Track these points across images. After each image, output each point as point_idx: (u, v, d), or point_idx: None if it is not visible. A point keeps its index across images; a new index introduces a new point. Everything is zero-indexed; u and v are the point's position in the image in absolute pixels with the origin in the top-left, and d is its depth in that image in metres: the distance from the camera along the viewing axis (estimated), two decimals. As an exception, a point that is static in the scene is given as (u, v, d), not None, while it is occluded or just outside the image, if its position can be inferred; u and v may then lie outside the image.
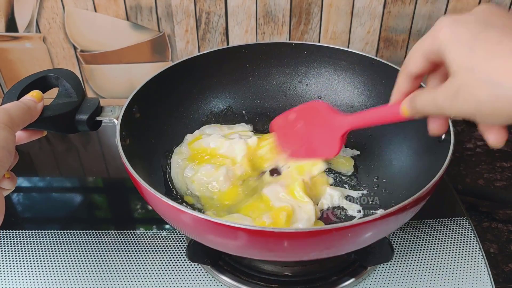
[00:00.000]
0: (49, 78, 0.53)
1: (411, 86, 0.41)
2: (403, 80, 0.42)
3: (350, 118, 0.51)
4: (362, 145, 0.64)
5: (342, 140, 0.52)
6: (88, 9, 0.76)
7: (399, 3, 0.75)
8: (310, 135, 0.55)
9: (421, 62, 0.38)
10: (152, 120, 0.60)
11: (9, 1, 0.75)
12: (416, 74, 0.40)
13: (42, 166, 0.77)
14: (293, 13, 0.76)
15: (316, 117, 0.54)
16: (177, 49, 0.80)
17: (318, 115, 0.54)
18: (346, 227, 0.39)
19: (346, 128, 0.51)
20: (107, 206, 0.68)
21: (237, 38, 0.79)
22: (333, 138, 0.52)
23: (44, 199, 0.69)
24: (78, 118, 0.51)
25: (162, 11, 0.76)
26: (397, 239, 0.58)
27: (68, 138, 0.81)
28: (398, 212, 0.41)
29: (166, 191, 0.57)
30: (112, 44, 0.80)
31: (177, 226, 0.49)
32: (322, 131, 0.54)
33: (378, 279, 0.54)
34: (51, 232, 0.60)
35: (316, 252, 0.44)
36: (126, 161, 0.46)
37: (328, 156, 0.54)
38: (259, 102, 0.70)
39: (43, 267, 0.55)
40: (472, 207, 0.65)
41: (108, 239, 0.59)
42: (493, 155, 0.74)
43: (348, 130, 0.51)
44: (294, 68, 0.69)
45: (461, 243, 0.57)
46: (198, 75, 0.65)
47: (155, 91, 0.60)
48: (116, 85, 0.85)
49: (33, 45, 0.80)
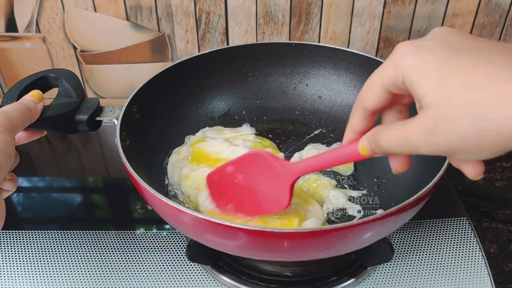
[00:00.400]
0: (49, 78, 0.53)
1: (368, 123, 0.37)
2: (358, 117, 0.37)
3: (299, 165, 0.44)
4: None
5: (291, 190, 0.45)
6: (88, 9, 0.76)
7: (399, 3, 0.75)
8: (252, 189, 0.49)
9: (380, 96, 0.34)
10: (152, 120, 0.60)
11: (9, 1, 0.75)
12: (374, 110, 0.36)
13: (42, 166, 0.77)
14: (293, 13, 0.76)
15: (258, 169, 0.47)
16: (177, 49, 0.80)
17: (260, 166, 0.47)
18: (346, 227, 0.39)
19: (294, 177, 0.45)
20: (107, 206, 0.68)
21: (237, 38, 0.79)
22: (281, 189, 0.45)
23: (44, 199, 0.69)
24: (78, 118, 0.51)
25: (162, 11, 0.76)
26: (397, 239, 0.58)
27: (68, 138, 0.81)
28: (398, 212, 0.41)
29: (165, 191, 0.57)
30: (112, 44, 0.80)
31: (177, 226, 0.49)
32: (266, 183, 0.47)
33: (378, 279, 0.54)
34: (51, 232, 0.60)
35: (316, 252, 0.44)
36: (126, 161, 0.46)
37: (278, 210, 0.47)
38: (259, 102, 0.70)
39: (43, 267, 0.55)
40: (472, 207, 0.65)
41: (108, 239, 0.59)
42: (493, 155, 0.74)
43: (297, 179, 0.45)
44: (294, 68, 0.69)
45: (461, 243, 0.57)
46: (198, 75, 0.65)
47: (155, 91, 0.60)
48: (116, 85, 0.85)
49: (33, 45, 0.80)
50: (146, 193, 0.44)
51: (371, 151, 0.36)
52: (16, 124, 0.42)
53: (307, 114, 0.69)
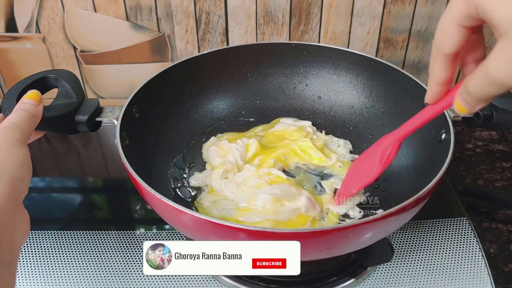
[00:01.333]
0: (49, 79, 0.53)
1: (450, 71, 0.36)
2: (439, 66, 0.36)
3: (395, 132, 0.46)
4: (362, 146, 0.64)
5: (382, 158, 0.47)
6: (88, 9, 0.76)
7: (399, 3, 0.75)
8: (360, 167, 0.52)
9: (458, 34, 0.33)
10: (152, 120, 0.60)
11: (9, 1, 0.75)
12: (454, 52, 0.34)
13: (42, 167, 0.77)
14: (293, 13, 0.76)
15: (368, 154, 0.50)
16: (177, 50, 0.80)
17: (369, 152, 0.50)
18: (346, 227, 0.39)
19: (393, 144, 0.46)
20: (107, 206, 0.68)
21: (237, 38, 0.79)
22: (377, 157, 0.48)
23: (44, 200, 0.69)
24: (78, 119, 0.51)
25: (162, 11, 0.76)
26: (397, 239, 0.58)
27: (68, 138, 0.81)
28: (398, 212, 0.41)
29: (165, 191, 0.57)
30: (112, 44, 0.80)
31: (177, 227, 0.49)
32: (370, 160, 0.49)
33: (378, 280, 0.54)
34: (51, 233, 0.60)
35: (317, 252, 0.44)
36: (126, 161, 0.46)
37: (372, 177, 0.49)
38: (259, 103, 0.70)
39: (43, 268, 0.55)
40: (472, 207, 0.65)
41: (108, 239, 0.59)
42: (493, 155, 0.74)
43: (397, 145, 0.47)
44: (293, 68, 0.69)
45: (461, 243, 0.57)
46: (198, 75, 0.65)
47: (155, 91, 0.60)
48: (116, 86, 0.85)
49: (33, 46, 0.80)
50: (146, 193, 0.44)
51: (467, 105, 0.35)
52: (27, 134, 0.42)
53: (306, 114, 0.69)
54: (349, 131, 0.66)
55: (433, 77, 0.37)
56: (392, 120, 0.63)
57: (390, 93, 0.63)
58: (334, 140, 0.64)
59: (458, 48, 0.34)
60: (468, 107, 0.35)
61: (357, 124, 0.66)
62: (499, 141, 0.77)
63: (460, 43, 0.34)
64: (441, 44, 0.35)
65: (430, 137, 0.54)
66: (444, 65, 0.36)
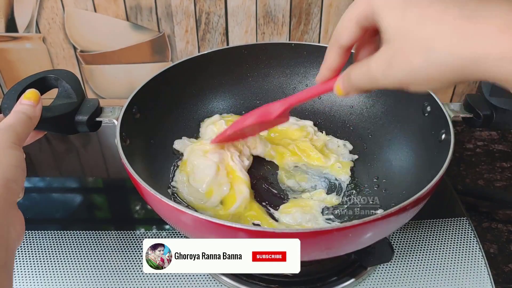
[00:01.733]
0: (49, 79, 0.53)
1: (342, 60, 0.40)
2: (334, 54, 0.40)
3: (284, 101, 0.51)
4: (362, 146, 0.64)
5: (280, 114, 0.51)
6: (88, 9, 0.76)
7: (399, 3, 0.75)
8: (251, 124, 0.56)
9: (354, 30, 0.37)
10: (152, 120, 0.60)
11: (9, 1, 0.75)
12: (348, 45, 0.38)
13: (42, 167, 0.77)
14: (293, 13, 0.76)
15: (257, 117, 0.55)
16: (177, 50, 0.80)
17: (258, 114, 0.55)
18: (346, 227, 0.39)
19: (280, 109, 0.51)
20: (107, 206, 0.68)
21: (237, 39, 0.79)
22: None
23: (44, 200, 0.69)
24: (78, 119, 0.51)
25: (162, 11, 0.76)
26: (397, 239, 0.58)
27: (68, 138, 0.81)
28: (398, 212, 0.41)
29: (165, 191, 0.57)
30: (112, 44, 0.80)
31: (177, 227, 0.49)
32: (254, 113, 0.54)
33: (378, 280, 0.54)
34: (51, 233, 0.59)
35: (317, 252, 0.44)
36: (126, 161, 0.46)
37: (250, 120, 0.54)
38: (259, 103, 0.70)
39: (43, 268, 0.55)
40: (472, 207, 0.65)
41: (108, 239, 0.59)
42: (493, 155, 0.74)
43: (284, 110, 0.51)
44: (293, 69, 0.69)
45: (461, 243, 0.57)
46: (198, 75, 0.65)
47: (155, 91, 0.60)
48: (116, 86, 0.85)
49: (33, 46, 0.80)
50: (146, 193, 0.45)
51: (344, 90, 0.39)
52: (23, 136, 0.42)
53: (306, 114, 0.69)
54: (349, 131, 0.66)
55: (326, 64, 0.41)
56: (392, 120, 0.63)
57: (390, 93, 0.63)
58: (334, 141, 0.65)
59: (353, 42, 0.38)
60: (344, 91, 0.40)
61: (357, 124, 0.66)
62: (499, 141, 0.77)
63: (355, 38, 0.37)
64: (339, 36, 0.38)
65: (430, 137, 0.54)
66: (338, 55, 0.40)
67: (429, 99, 0.55)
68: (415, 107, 0.57)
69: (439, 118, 0.53)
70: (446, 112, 0.52)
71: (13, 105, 0.48)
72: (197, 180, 0.56)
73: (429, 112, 0.56)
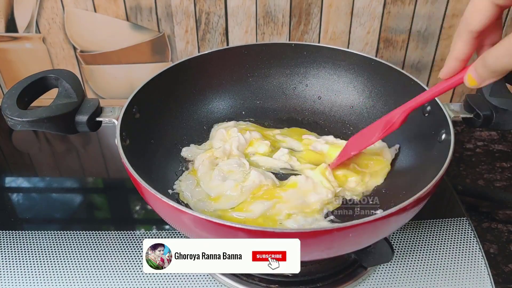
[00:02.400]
0: (49, 78, 0.53)
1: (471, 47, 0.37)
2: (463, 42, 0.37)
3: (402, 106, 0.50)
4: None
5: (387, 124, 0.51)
6: (88, 9, 0.76)
7: (399, 4, 0.75)
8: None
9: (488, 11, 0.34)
10: (152, 120, 0.60)
11: (9, 2, 0.75)
12: (480, 29, 0.35)
13: (42, 167, 0.77)
14: (293, 13, 0.76)
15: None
16: (177, 50, 0.80)
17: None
18: (346, 227, 0.39)
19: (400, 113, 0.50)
20: (107, 206, 0.68)
21: (237, 39, 0.79)
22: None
23: (44, 200, 0.69)
24: (78, 119, 0.51)
25: (162, 11, 0.76)
26: (397, 239, 0.58)
27: (68, 138, 0.81)
28: (398, 212, 0.41)
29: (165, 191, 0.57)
30: (112, 44, 0.80)
31: (177, 226, 0.49)
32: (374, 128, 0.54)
33: (378, 280, 0.54)
34: (51, 233, 0.59)
35: (317, 252, 0.44)
36: (126, 161, 0.46)
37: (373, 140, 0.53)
38: (259, 103, 0.70)
39: (43, 268, 0.55)
40: (472, 207, 0.65)
41: (108, 239, 0.59)
42: (493, 155, 0.74)
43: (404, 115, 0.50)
44: (293, 69, 0.69)
45: (461, 243, 0.57)
46: (198, 75, 0.65)
47: (155, 91, 0.60)
48: (116, 86, 0.85)
49: (33, 46, 0.80)
50: (146, 193, 0.44)
51: (480, 78, 0.36)
52: None
53: (306, 114, 0.69)
54: (349, 131, 0.66)
55: (454, 53, 0.38)
56: (392, 120, 0.63)
57: (390, 93, 0.63)
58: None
59: (485, 26, 0.35)
60: (479, 80, 0.37)
61: (357, 125, 0.66)
62: (499, 141, 0.77)
63: (488, 20, 0.35)
64: (470, 19, 0.35)
65: (430, 137, 0.54)
66: (468, 42, 0.37)
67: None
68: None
69: (439, 118, 0.53)
70: (446, 112, 0.52)
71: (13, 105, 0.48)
72: (209, 186, 0.56)
73: (429, 112, 0.56)
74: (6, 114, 0.49)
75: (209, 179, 0.57)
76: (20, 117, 0.49)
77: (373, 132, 0.53)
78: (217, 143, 0.62)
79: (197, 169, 0.58)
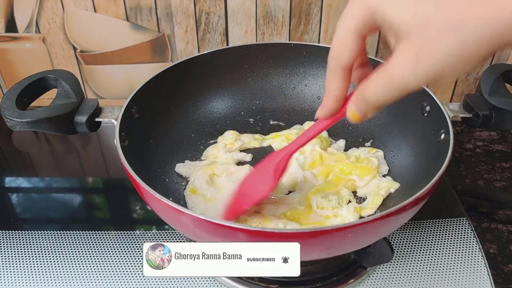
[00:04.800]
0: (48, 79, 0.53)
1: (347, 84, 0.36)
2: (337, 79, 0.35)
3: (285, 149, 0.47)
4: (362, 146, 0.64)
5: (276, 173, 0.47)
6: (87, 9, 0.76)
7: (399, 4, 0.75)
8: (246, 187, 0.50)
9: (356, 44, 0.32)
10: (151, 120, 0.60)
11: (9, 2, 0.75)
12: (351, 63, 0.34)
13: (42, 167, 0.77)
14: (293, 13, 0.76)
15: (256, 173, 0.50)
16: (177, 50, 0.80)
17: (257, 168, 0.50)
18: (346, 227, 0.39)
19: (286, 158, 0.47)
20: (107, 206, 0.68)
21: (237, 39, 0.79)
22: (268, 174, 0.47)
23: (44, 200, 0.69)
24: (77, 119, 0.51)
25: (162, 11, 0.76)
26: (397, 239, 0.58)
27: (68, 139, 0.81)
28: (398, 212, 0.41)
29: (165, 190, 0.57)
30: (112, 44, 0.80)
31: (176, 227, 0.49)
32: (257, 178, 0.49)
33: (378, 280, 0.54)
34: (51, 233, 0.60)
35: (317, 252, 0.44)
36: (125, 162, 0.46)
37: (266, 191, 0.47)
38: (258, 103, 0.70)
39: (43, 268, 0.55)
40: (472, 207, 0.65)
41: (108, 239, 0.59)
42: (493, 155, 0.74)
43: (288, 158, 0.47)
44: (293, 69, 0.69)
45: (461, 243, 0.57)
46: (198, 75, 0.65)
47: (155, 91, 0.60)
48: (116, 86, 0.85)
49: (32, 46, 0.80)
50: (146, 194, 0.44)
51: (361, 113, 0.35)
52: None
53: (306, 114, 0.69)
54: (349, 131, 0.66)
55: (332, 93, 0.36)
56: (391, 120, 0.63)
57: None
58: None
59: (355, 59, 0.34)
60: (361, 115, 0.35)
61: (357, 124, 0.66)
62: (499, 141, 0.77)
63: (357, 53, 0.33)
64: (340, 56, 0.34)
65: (429, 137, 0.54)
66: (343, 79, 0.35)
67: (428, 99, 0.55)
68: (415, 107, 0.57)
69: (438, 118, 0.53)
70: (446, 112, 0.52)
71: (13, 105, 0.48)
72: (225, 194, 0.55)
73: (428, 112, 0.56)
74: (5, 115, 0.49)
75: (221, 189, 0.56)
76: (19, 117, 0.49)
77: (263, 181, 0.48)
78: (222, 155, 0.62)
79: (197, 188, 0.56)
